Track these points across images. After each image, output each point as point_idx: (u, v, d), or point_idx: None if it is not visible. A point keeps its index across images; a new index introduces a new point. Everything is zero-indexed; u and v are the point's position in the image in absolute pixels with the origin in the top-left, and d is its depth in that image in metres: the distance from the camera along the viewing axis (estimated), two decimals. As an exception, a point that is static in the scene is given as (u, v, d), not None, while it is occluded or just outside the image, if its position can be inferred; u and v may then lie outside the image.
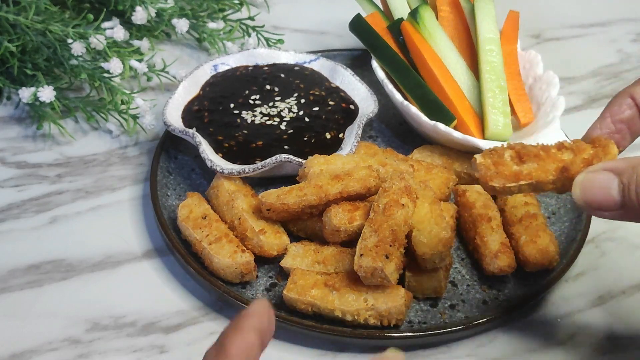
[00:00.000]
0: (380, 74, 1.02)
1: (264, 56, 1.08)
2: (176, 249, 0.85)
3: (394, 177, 0.79)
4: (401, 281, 0.80)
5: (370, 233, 0.74)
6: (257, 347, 0.54)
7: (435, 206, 0.81)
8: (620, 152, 0.67)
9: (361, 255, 0.72)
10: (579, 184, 0.61)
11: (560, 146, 0.63)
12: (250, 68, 1.06)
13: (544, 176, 0.62)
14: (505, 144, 0.65)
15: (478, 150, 0.93)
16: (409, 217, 0.76)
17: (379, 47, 1.04)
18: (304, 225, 0.87)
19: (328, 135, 0.96)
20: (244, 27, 1.21)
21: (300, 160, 0.89)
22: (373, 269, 0.71)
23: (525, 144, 0.64)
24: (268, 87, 1.02)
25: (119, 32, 1.07)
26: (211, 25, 1.19)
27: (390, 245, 0.72)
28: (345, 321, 0.77)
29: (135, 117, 1.02)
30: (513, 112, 1.01)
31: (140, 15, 1.10)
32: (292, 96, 1.00)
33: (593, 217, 0.92)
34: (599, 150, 0.63)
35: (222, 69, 1.05)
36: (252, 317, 0.55)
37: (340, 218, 0.80)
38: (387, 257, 0.71)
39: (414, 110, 0.97)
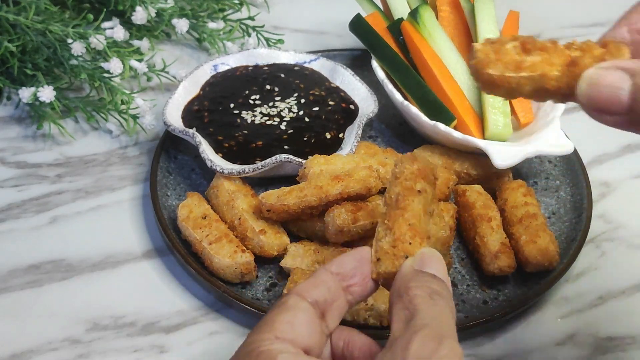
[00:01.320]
0: (380, 74, 1.02)
1: (264, 56, 1.08)
2: (176, 249, 0.85)
3: (404, 160, 0.65)
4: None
5: (385, 231, 0.61)
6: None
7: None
8: None
9: (378, 260, 0.60)
10: (587, 78, 0.54)
11: (569, 45, 0.58)
12: (250, 68, 1.06)
13: (548, 69, 0.56)
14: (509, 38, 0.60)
15: (478, 150, 0.93)
16: (429, 203, 0.64)
17: (379, 47, 1.04)
18: (304, 225, 0.87)
19: (328, 135, 0.96)
20: (244, 27, 1.21)
21: (300, 160, 0.89)
22: (394, 275, 0.58)
23: (532, 36, 0.59)
24: (268, 87, 1.02)
25: (119, 32, 1.07)
26: (211, 25, 1.19)
27: (410, 243, 0.60)
28: (345, 321, 0.77)
29: (135, 117, 1.02)
30: (513, 112, 1.01)
31: (140, 15, 1.10)
32: (292, 96, 1.00)
33: (593, 217, 0.92)
34: (612, 48, 0.57)
35: (222, 69, 1.05)
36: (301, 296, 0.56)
37: (343, 218, 0.80)
38: (407, 258, 0.60)
39: (414, 110, 0.97)
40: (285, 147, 0.93)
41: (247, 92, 1.01)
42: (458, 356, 0.48)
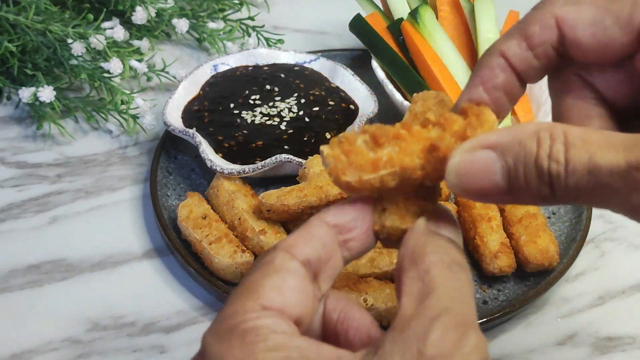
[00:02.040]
0: (380, 74, 1.02)
1: (264, 56, 1.08)
2: (176, 249, 0.85)
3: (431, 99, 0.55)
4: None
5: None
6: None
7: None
8: (499, 122, 0.53)
9: (384, 210, 0.50)
10: (454, 169, 0.46)
11: (425, 122, 0.49)
12: (250, 68, 1.06)
13: (408, 160, 0.48)
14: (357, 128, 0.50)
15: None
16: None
17: (379, 47, 1.04)
18: (304, 225, 0.86)
19: (328, 135, 0.96)
20: (244, 27, 1.21)
21: (300, 160, 0.89)
22: (401, 232, 0.49)
23: (382, 125, 0.50)
24: (268, 87, 1.02)
25: (119, 32, 1.07)
26: (211, 25, 1.19)
27: (425, 199, 0.51)
28: None
29: (135, 117, 1.02)
30: (513, 112, 1.01)
31: (140, 15, 1.10)
32: (292, 96, 1.00)
33: (593, 217, 0.92)
34: (472, 119, 0.49)
35: (222, 69, 1.05)
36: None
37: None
38: (421, 217, 0.50)
39: (414, 110, 0.96)
40: (285, 147, 0.93)
41: (247, 92, 1.01)
42: (484, 351, 0.41)
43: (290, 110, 0.98)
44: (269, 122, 0.96)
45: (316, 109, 0.99)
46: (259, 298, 0.44)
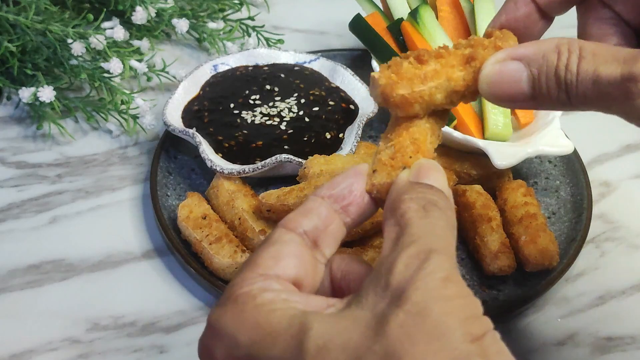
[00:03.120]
0: (380, 74, 1.02)
1: (264, 56, 1.08)
2: (176, 249, 0.85)
3: None
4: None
5: (386, 144, 0.57)
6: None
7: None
8: None
9: (374, 171, 0.55)
10: (486, 77, 0.54)
11: (458, 45, 0.57)
12: (250, 68, 1.06)
13: (451, 71, 0.55)
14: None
15: (478, 150, 0.93)
16: (438, 124, 0.60)
17: (379, 47, 1.04)
18: (304, 225, 0.86)
19: (328, 135, 0.96)
20: (244, 27, 1.21)
21: (300, 160, 0.89)
22: (388, 187, 0.54)
23: (423, 48, 0.57)
24: (268, 87, 1.02)
25: (119, 32, 1.07)
26: (211, 25, 1.19)
27: (411, 157, 0.55)
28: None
29: (135, 117, 1.02)
30: (513, 112, 1.01)
31: (140, 15, 1.10)
32: (292, 96, 1.00)
33: (593, 217, 0.92)
34: (498, 35, 0.57)
35: (222, 69, 1.05)
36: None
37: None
38: (404, 169, 0.55)
39: (414, 110, 0.96)
40: (285, 147, 0.93)
41: (247, 92, 1.01)
42: (444, 271, 0.43)
43: (290, 110, 0.98)
44: (269, 122, 0.96)
45: (316, 109, 0.99)
46: (256, 268, 0.47)
